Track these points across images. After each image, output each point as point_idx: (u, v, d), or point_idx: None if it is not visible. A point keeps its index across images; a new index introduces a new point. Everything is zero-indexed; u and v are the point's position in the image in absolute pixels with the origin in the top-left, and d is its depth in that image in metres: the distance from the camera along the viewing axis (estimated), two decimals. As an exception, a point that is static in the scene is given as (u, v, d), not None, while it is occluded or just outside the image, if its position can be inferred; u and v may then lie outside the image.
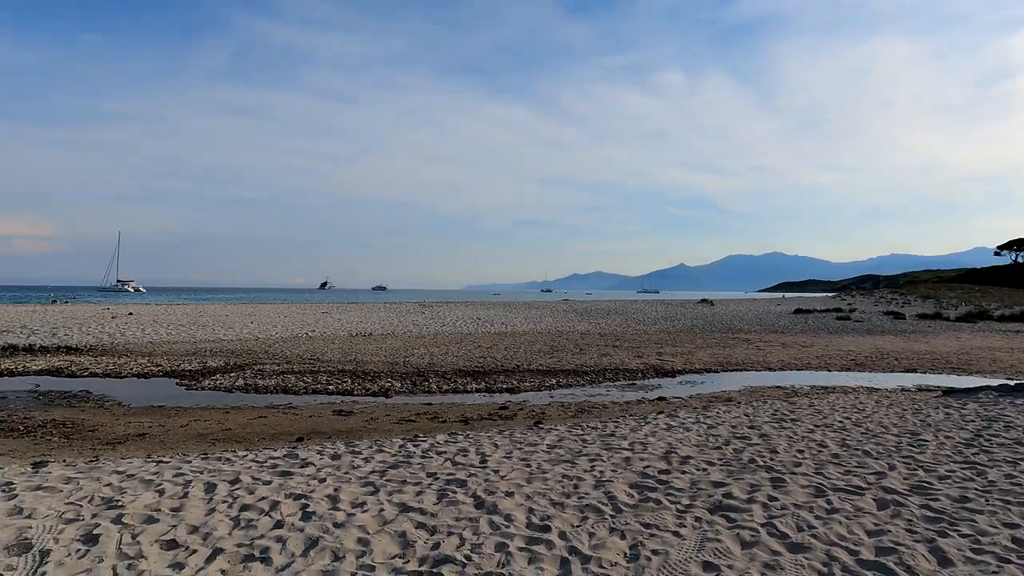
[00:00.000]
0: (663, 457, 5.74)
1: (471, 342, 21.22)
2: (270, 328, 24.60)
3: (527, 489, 4.72)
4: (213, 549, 3.60)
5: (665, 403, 10.65)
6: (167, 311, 34.50)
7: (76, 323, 24.90)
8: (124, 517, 4.15)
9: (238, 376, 13.44)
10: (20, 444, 7.63)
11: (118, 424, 8.87)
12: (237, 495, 4.68)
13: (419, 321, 30.50)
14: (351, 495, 4.63)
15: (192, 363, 15.22)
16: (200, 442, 7.82)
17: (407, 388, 12.33)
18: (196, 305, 44.48)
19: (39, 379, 12.90)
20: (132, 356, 16.33)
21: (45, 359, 15.54)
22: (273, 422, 9.15)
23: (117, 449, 7.40)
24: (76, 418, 9.20)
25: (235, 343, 19.69)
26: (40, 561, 3.44)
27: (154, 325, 24.52)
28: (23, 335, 20.25)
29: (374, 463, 5.72)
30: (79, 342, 18.88)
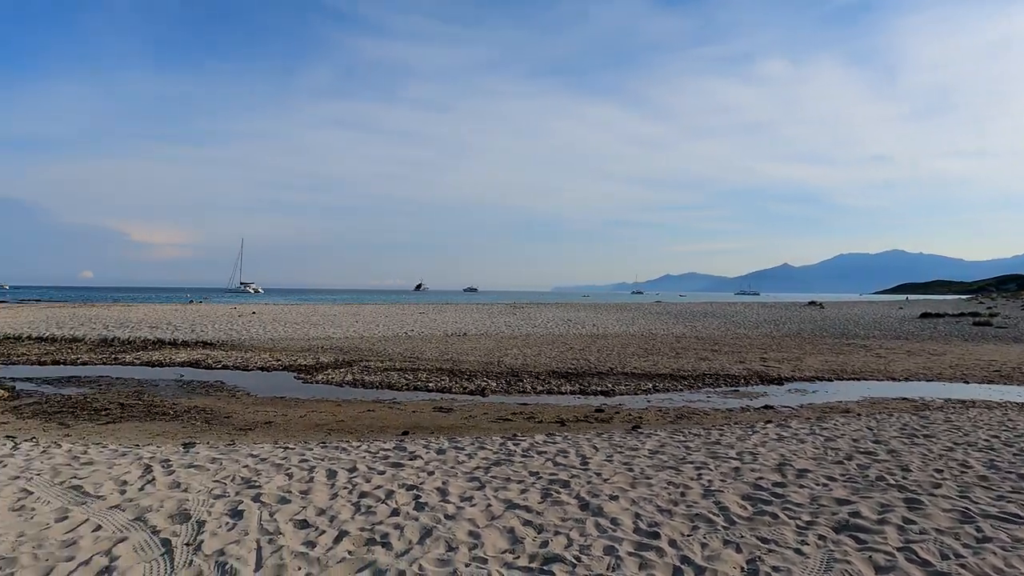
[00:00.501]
0: (776, 469, 5.42)
1: (563, 343, 21.22)
2: (373, 327, 26.11)
3: (632, 494, 4.65)
4: (339, 531, 3.90)
5: (773, 412, 10.03)
6: (284, 311, 37.75)
7: (210, 321, 27.94)
8: (262, 496, 4.61)
9: (347, 372, 14.39)
10: (171, 426, 8.68)
11: (248, 412, 9.83)
12: (356, 483, 5.02)
13: (511, 322, 30.98)
14: (459, 489, 4.82)
15: (307, 359, 16.50)
16: (318, 431, 8.47)
17: (502, 387, 12.57)
18: (308, 305, 48.26)
19: (182, 370, 14.59)
20: (256, 351, 18.02)
21: (186, 352, 17.57)
22: (380, 416, 9.70)
23: (249, 435, 8.20)
24: (214, 406, 10.31)
25: (343, 341, 21.10)
26: (198, 530, 3.91)
27: (273, 323, 26.92)
28: (168, 331, 23.05)
29: (477, 459, 5.91)
30: (213, 338, 21.15)
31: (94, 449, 6.50)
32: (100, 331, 22.81)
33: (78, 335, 21.57)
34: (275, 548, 3.60)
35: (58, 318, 29.68)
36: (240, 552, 3.53)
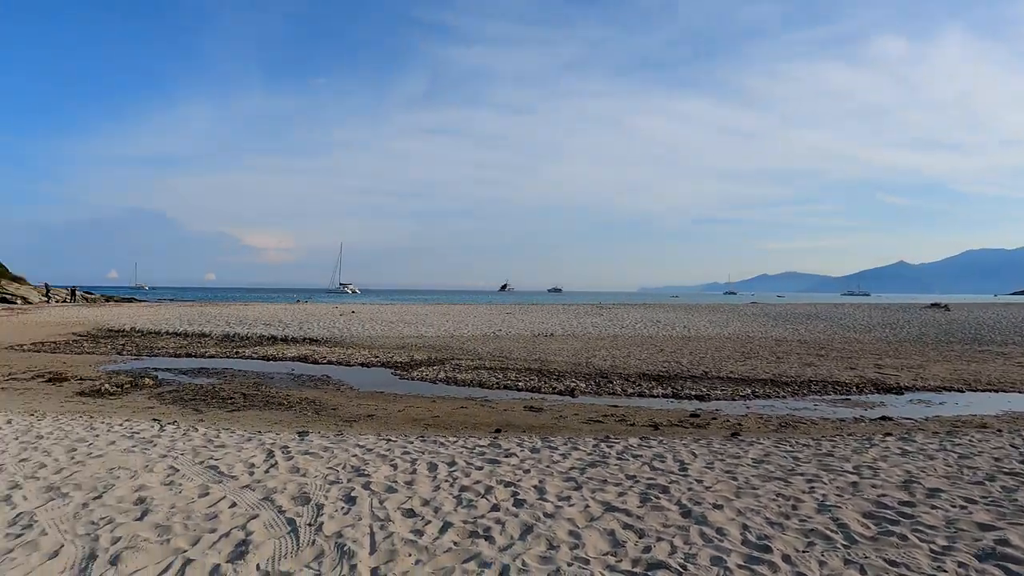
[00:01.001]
0: (902, 487, 4.95)
1: (652, 345, 20.66)
2: (462, 327, 26.87)
3: (737, 504, 4.45)
4: (444, 522, 4.07)
5: (893, 424, 9.16)
6: (379, 310, 39.83)
7: (315, 319, 30.10)
8: (371, 485, 4.91)
9: (439, 369, 14.92)
10: (286, 416, 9.44)
11: (352, 405, 10.47)
12: (456, 476, 5.21)
13: (598, 323, 30.63)
14: (556, 488, 4.85)
15: (402, 356, 17.30)
16: (415, 426, 8.86)
17: (592, 388, 12.47)
18: (401, 305, 50.59)
19: (293, 364, 15.82)
20: (356, 348, 19.16)
21: (296, 348, 19.04)
22: (472, 413, 9.97)
23: (354, 426, 8.74)
24: (322, 398, 11.09)
25: (434, 339, 21.90)
26: (318, 512, 4.24)
27: (371, 322, 28.49)
28: (280, 328, 25.10)
29: (572, 460, 5.91)
30: (318, 335, 22.75)
31: (224, 434, 7.23)
32: (223, 328, 25.29)
33: (205, 331, 24.05)
34: (386, 534, 3.82)
35: (188, 316, 33.28)
36: (356, 535, 3.78)
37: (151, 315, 34.13)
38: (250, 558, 3.44)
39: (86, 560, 3.41)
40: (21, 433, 6.98)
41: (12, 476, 5.07)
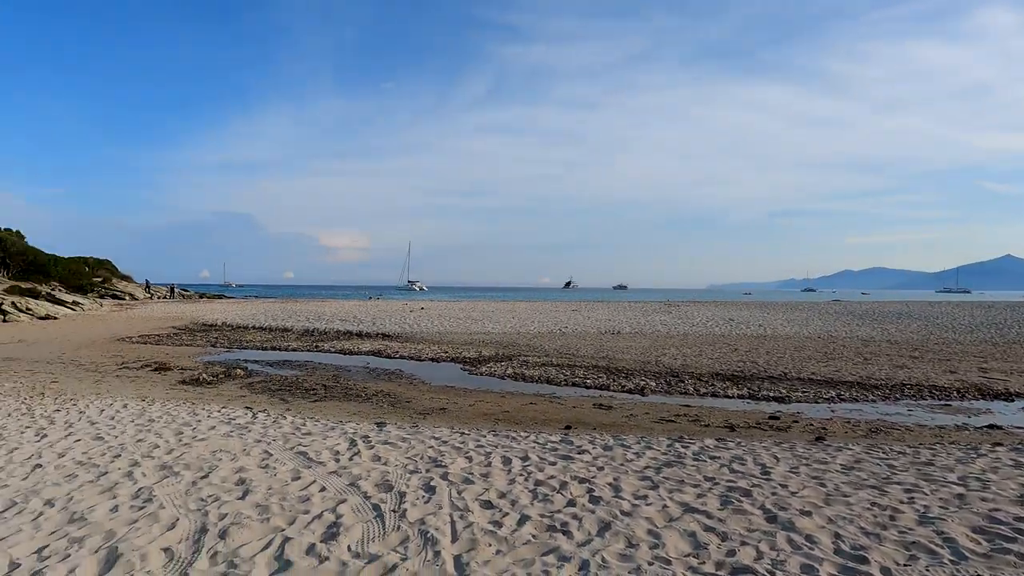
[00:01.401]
0: (1018, 502, 4.52)
1: (725, 344, 19.92)
2: (528, 324, 27.01)
3: (827, 511, 4.23)
4: (521, 515, 4.13)
5: (1003, 433, 8.36)
6: (447, 307, 40.79)
7: (387, 315, 31.25)
8: (449, 476, 5.06)
9: (507, 365, 15.09)
10: (364, 407, 9.87)
11: (424, 398, 10.80)
12: (530, 471, 5.27)
13: (666, 320, 29.88)
14: (631, 487, 4.80)
15: (470, 352, 17.63)
16: (486, 420, 9.02)
17: (662, 387, 12.20)
18: (468, 302, 51.53)
19: (367, 358, 16.51)
20: (426, 343, 19.72)
21: (370, 343, 19.85)
22: (541, 409, 10.02)
23: (427, 419, 9.02)
24: (396, 391, 11.51)
25: (501, 336, 22.16)
26: (400, 500, 4.43)
27: (440, 318, 29.23)
28: (354, 324, 26.24)
29: (646, 459, 5.82)
30: (390, 330, 23.61)
31: (310, 423, 7.67)
32: (303, 323, 26.76)
33: (287, 326, 25.54)
34: (466, 524, 3.93)
35: (271, 312, 35.46)
36: (437, 524, 3.92)
37: (239, 311, 36.66)
38: (341, 539, 3.64)
39: (198, 533, 3.74)
40: (136, 416, 7.73)
41: (132, 455, 5.63)
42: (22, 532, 3.67)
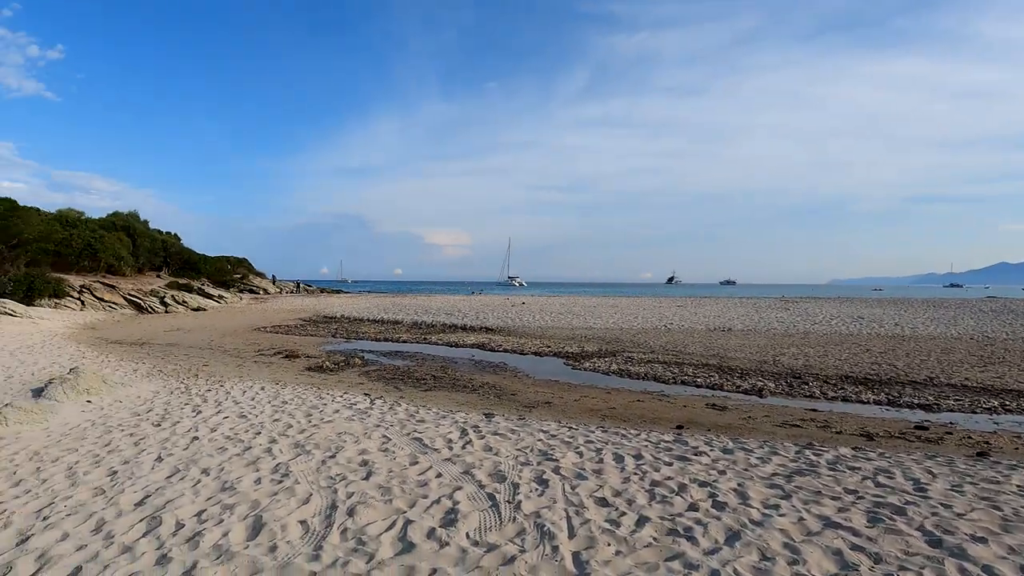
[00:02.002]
0: None
1: (854, 344, 18.05)
2: (631, 319, 26.32)
3: (1007, 539, 3.61)
4: (639, 515, 3.95)
5: None
6: (548, 302, 40.95)
7: (490, 309, 31.97)
8: (560, 470, 4.98)
9: (611, 361, 14.77)
10: (471, 398, 10.11)
11: (529, 391, 10.85)
12: (644, 470, 5.05)
13: (783, 318, 27.72)
14: (759, 494, 4.43)
15: (572, 347, 17.49)
16: (593, 416, 8.85)
17: (782, 389, 11.28)
18: (568, 297, 51.38)
19: (472, 351, 16.94)
20: (529, 338, 19.87)
21: (474, 336, 20.38)
22: (650, 407, 9.65)
23: (533, 412, 9.04)
24: (501, 383, 11.67)
25: (603, 331, 21.78)
26: (514, 491, 4.42)
27: (541, 313, 29.37)
28: (459, 317, 27.12)
29: (773, 465, 5.37)
30: (493, 324, 24.10)
31: (423, 411, 7.97)
32: (412, 316, 28.13)
33: (397, 319, 26.98)
34: (582, 520, 3.83)
35: (383, 305, 37.68)
36: (553, 518, 3.85)
37: (354, 304, 39.38)
38: (460, 526, 3.70)
39: (329, 509, 3.98)
40: (272, 398, 8.49)
41: (270, 432, 6.17)
42: (184, 496, 4.13)
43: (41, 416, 6.44)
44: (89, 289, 29.59)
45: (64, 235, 34.05)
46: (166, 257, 46.36)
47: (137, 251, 41.07)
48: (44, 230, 31.33)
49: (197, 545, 3.39)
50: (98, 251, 35.44)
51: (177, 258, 47.71)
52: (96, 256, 35.28)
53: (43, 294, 26.43)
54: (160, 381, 10.07)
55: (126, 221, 44.41)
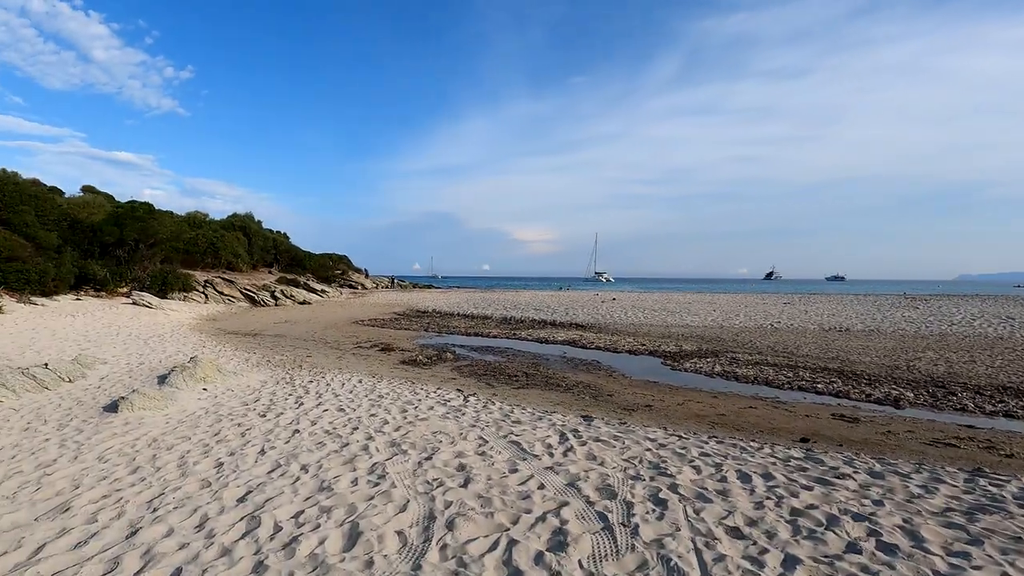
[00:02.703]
0: None
1: (1008, 350, 15.51)
2: (732, 317, 24.60)
3: None
4: (785, 553, 3.30)
5: None
6: (639, 298, 39.54)
7: (579, 305, 31.32)
8: (679, 488, 4.38)
9: (714, 362, 13.69)
10: (565, 397, 9.64)
11: (627, 392, 10.20)
12: (779, 494, 4.33)
13: (912, 317, 24.66)
14: (937, 536, 3.59)
15: (669, 345, 16.50)
16: (700, 422, 8.07)
17: (925, 400, 9.77)
18: (661, 293, 49.41)
19: (563, 348, 16.45)
20: (621, 335, 19.06)
21: (564, 332, 19.90)
22: (764, 415, 8.69)
23: (634, 415, 8.42)
24: (596, 383, 11.11)
25: (702, 329, 20.45)
26: (628, 511, 3.90)
27: (633, 310, 28.28)
28: (548, 313, 26.74)
29: (941, 497, 4.42)
30: (583, 320, 23.47)
31: (517, 410, 7.63)
32: (501, 311, 28.14)
33: (487, 314, 27.08)
34: (716, 556, 3.25)
35: (472, 300, 38.17)
36: (679, 550, 3.30)
37: (445, 299, 40.26)
38: (571, 551, 3.25)
39: (427, 520, 3.69)
40: (368, 392, 8.53)
41: (367, 428, 6.08)
42: (283, 495, 4.02)
43: (162, 403, 6.80)
44: (212, 284, 32.45)
45: (191, 235, 37.65)
46: (276, 254, 50.05)
47: (252, 249, 44.65)
48: (175, 230, 34.78)
49: (293, 553, 3.21)
50: (219, 249, 38.86)
51: (286, 255, 51.37)
52: (217, 254, 38.71)
53: (174, 288, 29.31)
54: (268, 371, 10.53)
55: (243, 222, 48.44)
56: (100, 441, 5.38)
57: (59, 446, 5.24)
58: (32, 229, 25.28)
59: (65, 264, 24.88)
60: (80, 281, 26.10)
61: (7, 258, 22.31)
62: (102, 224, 29.72)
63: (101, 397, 7.53)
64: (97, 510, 3.70)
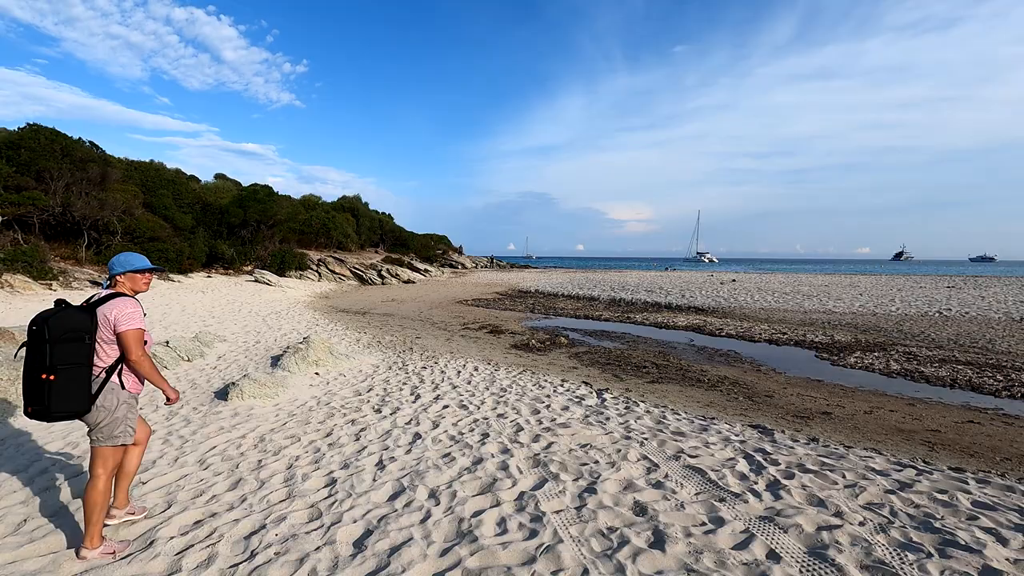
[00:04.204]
0: None
1: None
2: (885, 302, 21.16)
3: None
4: None
5: None
6: (761, 279, 35.91)
7: (696, 287, 28.82)
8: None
9: (885, 357, 11.31)
10: (713, 397, 8.03)
11: (788, 394, 8.39)
12: None
13: None
14: None
15: (817, 335, 14.13)
16: (908, 441, 6.18)
17: None
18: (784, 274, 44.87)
19: (689, 334, 14.62)
20: (753, 321, 16.80)
21: (684, 316, 17.95)
22: (998, 434, 6.57)
23: (812, 425, 6.68)
24: (743, 379, 9.36)
25: (850, 316, 17.58)
26: None
27: (760, 292, 25.42)
28: (661, 295, 24.68)
29: None
30: (702, 304, 21.26)
31: (670, 415, 6.22)
32: (608, 293, 26.49)
33: (593, 295, 25.56)
34: None
35: (574, 280, 36.71)
36: None
37: (545, 279, 39.15)
38: None
39: (621, 608, 2.43)
40: (488, 382, 7.51)
41: (499, 436, 4.98)
42: (413, 544, 2.96)
43: (272, 390, 6.18)
44: (324, 263, 33.73)
45: (306, 216, 39.47)
46: (382, 234, 51.60)
47: (360, 229, 46.23)
48: (291, 212, 36.53)
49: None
50: (330, 229, 40.46)
51: (390, 235, 52.85)
52: (329, 234, 40.34)
53: (291, 266, 30.69)
54: (379, 353, 9.92)
55: (351, 203, 50.33)
56: (205, 437, 4.72)
57: (163, 442, 4.64)
58: (170, 212, 27.34)
59: (198, 244, 26.68)
60: (211, 260, 27.97)
61: (150, 238, 24.19)
62: (228, 206, 31.69)
63: (215, 380, 7.13)
64: (183, 549, 2.85)
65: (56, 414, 2.58)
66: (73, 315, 2.63)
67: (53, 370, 2.54)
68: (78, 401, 2.64)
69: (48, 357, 2.53)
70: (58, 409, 2.57)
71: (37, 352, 2.55)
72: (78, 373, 2.62)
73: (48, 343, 2.52)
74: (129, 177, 27.35)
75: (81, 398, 2.65)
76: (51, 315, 2.58)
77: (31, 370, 2.56)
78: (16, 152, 21.04)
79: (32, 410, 2.58)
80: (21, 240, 19.34)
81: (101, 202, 21.67)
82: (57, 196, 20.65)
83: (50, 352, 2.53)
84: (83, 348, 2.63)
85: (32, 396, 2.56)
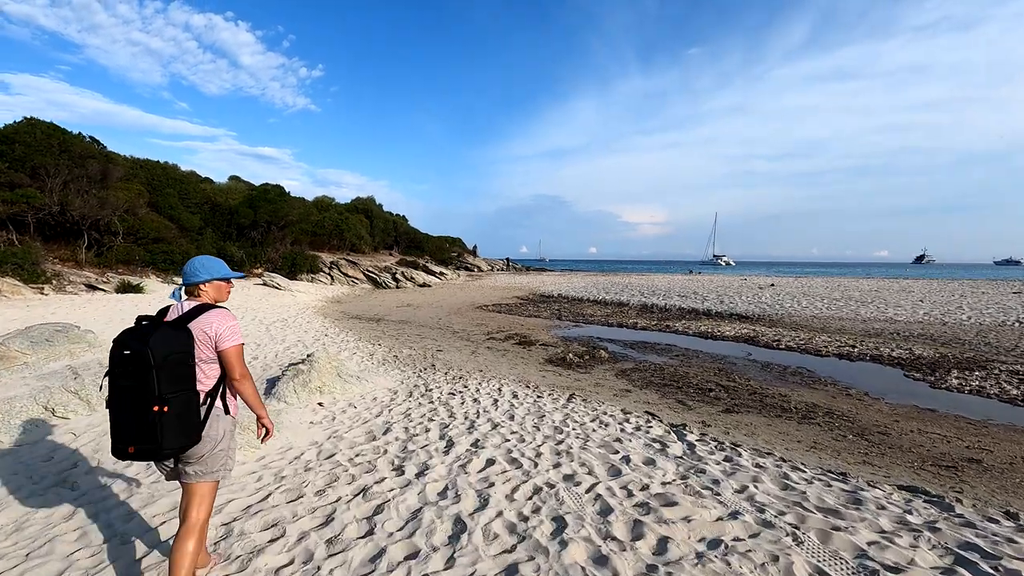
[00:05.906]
0: None
1: None
2: (952, 310, 19.23)
3: None
4: None
5: None
6: (803, 284, 33.86)
7: (732, 291, 26.99)
8: None
9: (989, 377, 9.57)
10: (812, 434, 6.38)
11: (904, 429, 6.71)
12: None
13: None
14: None
15: (890, 348, 12.38)
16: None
17: None
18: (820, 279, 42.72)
19: (742, 346, 12.94)
20: (809, 331, 15.05)
21: (729, 325, 16.22)
22: None
23: (964, 479, 5.02)
24: (835, 406, 7.70)
25: (918, 326, 15.74)
26: None
27: (807, 298, 23.56)
28: (696, 300, 22.94)
29: None
30: (744, 311, 19.50)
31: (790, 471, 4.59)
32: (637, 298, 24.79)
33: (621, 300, 23.89)
34: None
35: (597, 284, 35.00)
36: None
37: (565, 283, 37.50)
38: None
39: None
40: (535, 417, 5.94)
41: (577, 517, 3.39)
42: None
43: (260, 434, 4.66)
44: (337, 265, 32.44)
45: (318, 217, 38.27)
46: (396, 236, 50.34)
47: (373, 231, 44.97)
48: (303, 213, 35.33)
49: None
50: (344, 231, 39.22)
51: (405, 237, 51.57)
52: (342, 236, 39.09)
53: (302, 269, 29.41)
54: (397, 373, 8.40)
55: (365, 205, 49.16)
56: (152, 542, 3.19)
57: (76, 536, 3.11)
58: (176, 212, 26.18)
59: (206, 246, 25.47)
60: (218, 262, 26.75)
61: (154, 239, 23.00)
62: (238, 207, 30.54)
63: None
64: None
65: (167, 451, 2.24)
66: (173, 333, 2.27)
67: (165, 400, 2.19)
68: (192, 432, 2.33)
69: (157, 385, 2.17)
70: (171, 445, 2.24)
71: (139, 380, 2.16)
72: (189, 400, 2.31)
73: (154, 368, 2.16)
74: (134, 175, 26.25)
75: (195, 429, 2.34)
76: (147, 334, 2.19)
77: (137, 403, 2.16)
78: (10, 147, 19.93)
79: (136, 450, 2.20)
80: (15, 240, 18.19)
81: (101, 201, 20.49)
82: (54, 194, 19.49)
83: (157, 379, 2.17)
84: (190, 371, 2.32)
85: (140, 434, 2.18)
